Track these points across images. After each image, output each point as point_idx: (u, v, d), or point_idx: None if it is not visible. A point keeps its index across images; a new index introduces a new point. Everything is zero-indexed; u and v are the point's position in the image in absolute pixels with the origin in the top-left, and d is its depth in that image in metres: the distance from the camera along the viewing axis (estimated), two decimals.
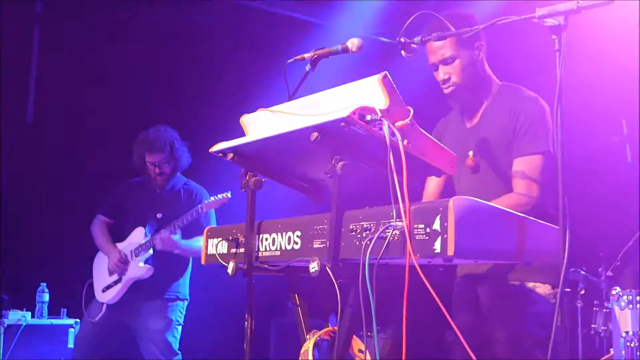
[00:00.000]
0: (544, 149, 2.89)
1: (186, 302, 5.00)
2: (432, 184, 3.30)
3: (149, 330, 4.80)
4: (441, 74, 3.07)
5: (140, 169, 5.06)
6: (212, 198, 4.72)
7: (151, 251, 4.79)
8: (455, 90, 3.07)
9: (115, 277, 4.87)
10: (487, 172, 3.06)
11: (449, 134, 3.23)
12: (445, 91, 3.11)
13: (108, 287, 4.88)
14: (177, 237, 4.71)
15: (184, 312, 4.97)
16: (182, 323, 4.97)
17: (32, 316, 5.42)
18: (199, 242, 4.78)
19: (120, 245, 4.97)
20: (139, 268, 4.80)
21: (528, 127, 2.92)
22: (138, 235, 4.89)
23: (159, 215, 4.87)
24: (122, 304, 4.85)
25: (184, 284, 5.00)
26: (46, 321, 5.44)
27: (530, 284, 2.95)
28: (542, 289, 2.94)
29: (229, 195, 4.67)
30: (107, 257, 4.96)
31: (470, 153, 3.09)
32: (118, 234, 5.08)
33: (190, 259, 4.99)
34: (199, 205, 4.71)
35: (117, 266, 4.83)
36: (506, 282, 2.98)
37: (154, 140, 4.95)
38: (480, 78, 3.08)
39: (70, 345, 5.32)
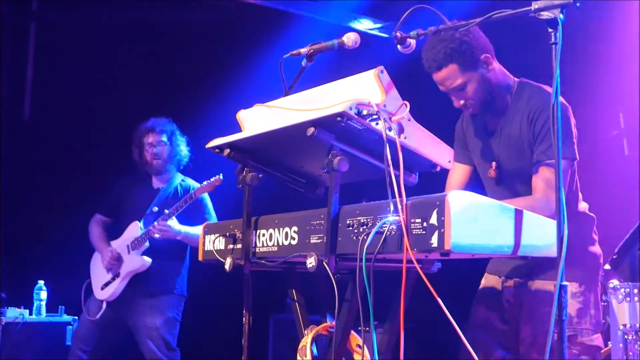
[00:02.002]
0: (564, 154, 2.71)
1: (184, 299, 5.00)
2: (456, 175, 3.20)
3: (147, 327, 4.79)
4: (455, 102, 2.97)
5: (138, 161, 5.06)
6: (204, 182, 4.73)
7: (147, 244, 4.79)
8: (475, 110, 2.97)
9: (115, 271, 4.87)
10: (510, 183, 2.99)
11: (472, 136, 3.15)
12: (466, 113, 3.05)
13: (107, 284, 4.87)
14: (174, 222, 4.71)
15: (181, 309, 4.97)
16: (180, 320, 4.95)
17: (30, 314, 5.41)
18: (198, 230, 4.79)
19: (116, 242, 4.96)
20: (136, 260, 4.79)
21: (546, 132, 2.81)
22: (134, 230, 4.89)
23: (155, 209, 4.86)
24: (120, 300, 4.84)
25: (181, 280, 4.99)
26: (44, 319, 5.43)
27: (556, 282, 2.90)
28: (572, 287, 2.85)
29: (221, 177, 4.68)
30: (100, 255, 4.96)
31: (493, 164, 3.01)
32: (117, 232, 5.07)
33: (187, 255, 4.98)
34: (192, 191, 4.71)
35: (111, 264, 4.83)
36: (534, 279, 2.94)
37: (155, 122, 5.07)
38: (497, 89, 2.95)
39: (68, 342, 5.32)
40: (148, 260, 4.78)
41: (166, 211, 4.72)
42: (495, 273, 3.13)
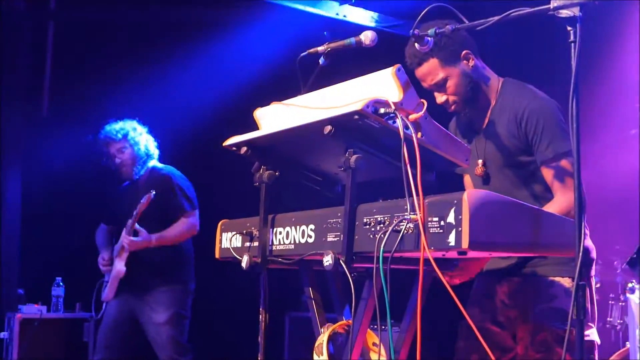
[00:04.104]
0: (567, 148, 2.79)
1: (190, 285, 4.94)
2: (469, 181, 3.23)
3: (153, 324, 4.78)
4: (438, 98, 3.00)
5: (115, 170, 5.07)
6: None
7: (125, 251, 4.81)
8: (458, 107, 3.00)
9: (108, 276, 4.91)
10: (497, 180, 3.00)
11: (459, 136, 3.16)
12: (450, 110, 3.05)
13: (105, 286, 4.91)
14: (142, 232, 4.72)
15: (189, 303, 4.92)
16: (189, 315, 4.91)
17: (48, 310, 5.46)
18: (176, 227, 4.81)
19: (115, 248, 4.97)
20: (115, 267, 4.81)
21: (542, 131, 2.82)
22: (123, 235, 4.89)
23: (135, 212, 4.85)
24: (126, 299, 4.84)
25: (181, 268, 4.94)
26: (61, 315, 5.47)
27: (549, 278, 2.89)
28: (565, 283, 2.87)
29: (152, 193, 4.67)
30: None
31: (480, 162, 3.03)
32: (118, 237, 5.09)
33: (183, 243, 4.95)
34: (141, 201, 4.68)
35: (104, 266, 4.89)
36: (528, 277, 2.94)
37: (108, 132, 5.01)
38: (479, 85, 2.98)
39: (85, 339, 5.36)
40: (121, 269, 4.77)
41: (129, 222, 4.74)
42: (488, 274, 3.12)
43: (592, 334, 2.91)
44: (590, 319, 2.92)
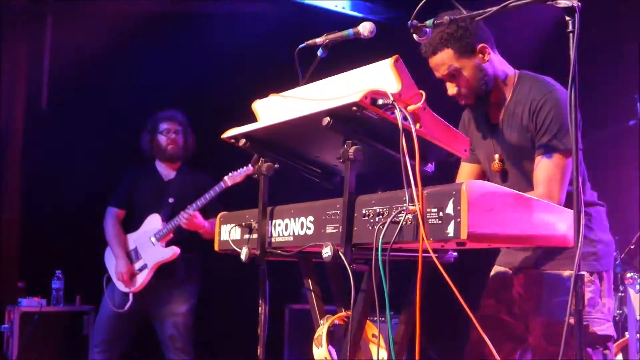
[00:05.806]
0: (566, 147, 2.75)
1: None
2: (465, 174, 3.21)
3: (173, 313, 4.85)
4: (450, 89, 2.95)
5: (148, 147, 5.10)
6: (232, 173, 4.78)
7: (171, 235, 4.84)
8: (469, 101, 2.95)
9: (141, 263, 4.90)
10: (515, 176, 2.98)
11: (474, 130, 3.12)
12: (461, 104, 3.01)
13: (133, 276, 4.91)
14: (198, 213, 4.80)
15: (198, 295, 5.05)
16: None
17: (48, 303, 5.46)
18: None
19: (135, 234, 4.99)
20: (165, 251, 4.84)
21: (549, 123, 2.79)
22: (154, 222, 4.93)
23: (170, 200, 4.90)
24: (145, 291, 4.88)
25: (199, 267, 5.06)
26: (61, 308, 5.48)
27: (566, 273, 2.86)
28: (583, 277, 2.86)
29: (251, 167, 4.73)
30: (115, 260, 4.96)
31: (496, 157, 3.00)
32: (130, 223, 5.11)
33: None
34: (221, 182, 4.77)
35: (124, 280, 4.86)
36: (542, 271, 2.93)
37: (173, 112, 5.20)
38: (493, 79, 2.93)
39: (85, 331, 5.37)
40: (177, 250, 4.82)
41: (191, 203, 4.80)
42: (505, 265, 3.11)
43: (608, 328, 2.90)
44: (607, 314, 2.92)
